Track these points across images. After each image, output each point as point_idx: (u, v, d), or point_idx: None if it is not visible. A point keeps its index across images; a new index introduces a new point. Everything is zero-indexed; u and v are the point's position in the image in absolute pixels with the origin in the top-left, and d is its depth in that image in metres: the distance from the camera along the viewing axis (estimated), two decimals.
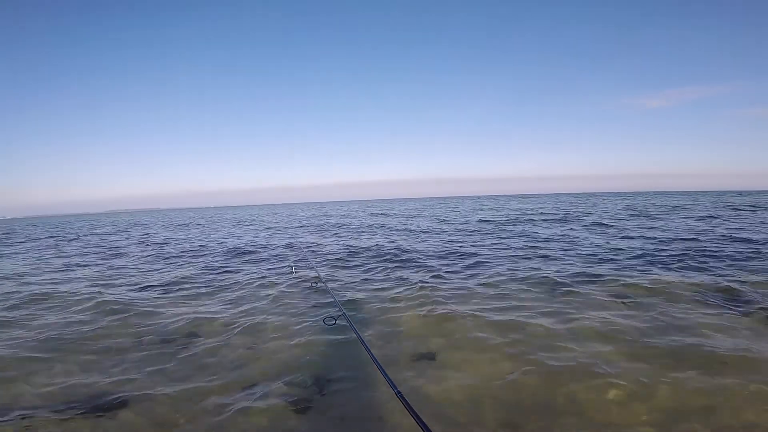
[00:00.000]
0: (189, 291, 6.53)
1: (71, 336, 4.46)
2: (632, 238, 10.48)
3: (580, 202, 40.44)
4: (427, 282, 6.17)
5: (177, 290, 6.62)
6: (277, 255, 10.21)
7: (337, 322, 2.88)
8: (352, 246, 11.09)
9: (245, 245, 12.78)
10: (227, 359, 3.71)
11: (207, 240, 15.65)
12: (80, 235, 22.80)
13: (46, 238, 21.39)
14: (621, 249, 8.64)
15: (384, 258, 8.67)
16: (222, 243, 14.05)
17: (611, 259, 7.51)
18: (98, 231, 25.95)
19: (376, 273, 7.26)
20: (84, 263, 10.42)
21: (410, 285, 6.02)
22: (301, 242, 12.90)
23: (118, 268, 9.26)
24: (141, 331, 4.60)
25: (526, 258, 7.99)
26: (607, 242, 9.85)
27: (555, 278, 6.05)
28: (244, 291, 6.32)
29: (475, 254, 8.64)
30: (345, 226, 19.15)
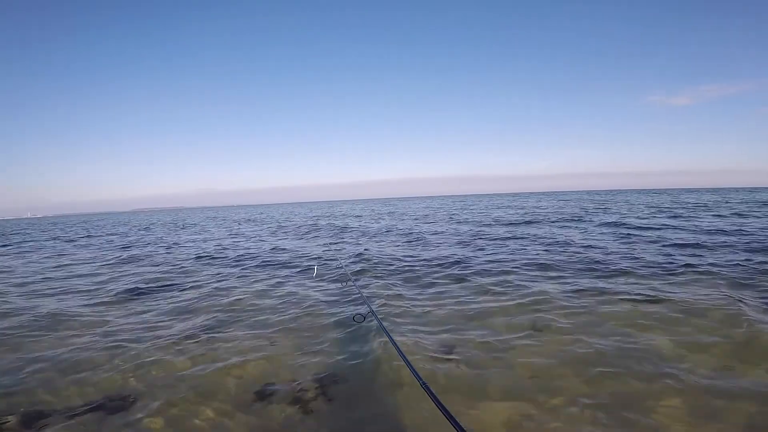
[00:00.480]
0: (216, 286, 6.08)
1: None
2: (645, 242, 9.57)
3: (603, 199, 39.12)
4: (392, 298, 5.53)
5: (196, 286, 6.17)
6: (278, 258, 9.71)
7: (366, 319, 2.98)
8: (358, 253, 10.47)
9: (244, 249, 12.34)
10: (246, 350, 3.85)
11: (217, 242, 15.33)
12: (92, 234, 22.99)
13: (50, 239, 21.55)
14: (626, 255, 7.80)
15: (362, 264, 8.06)
16: (221, 245, 13.66)
17: (611, 267, 6.71)
18: (109, 231, 26.18)
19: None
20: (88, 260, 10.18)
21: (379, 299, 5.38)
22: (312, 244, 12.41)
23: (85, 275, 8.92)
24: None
25: (525, 267, 7.21)
26: (616, 246, 8.98)
27: (540, 294, 5.31)
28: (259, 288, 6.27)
29: (472, 262, 7.92)
30: (352, 228, 18.62)
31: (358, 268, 7.65)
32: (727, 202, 25.18)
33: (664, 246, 8.73)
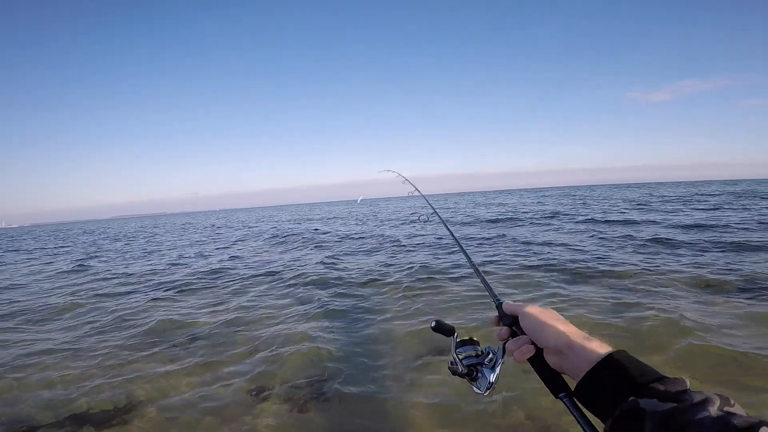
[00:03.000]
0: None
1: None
2: (616, 239, 9.28)
3: (584, 195, 39.40)
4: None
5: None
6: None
7: (429, 219, 2.77)
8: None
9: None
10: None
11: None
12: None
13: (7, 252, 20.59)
14: (596, 255, 7.45)
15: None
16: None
17: (579, 269, 6.32)
18: (78, 240, 25.15)
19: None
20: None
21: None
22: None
23: None
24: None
25: (493, 270, 6.79)
26: (587, 245, 8.66)
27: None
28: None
29: (439, 266, 7.46)
30: (324, 233, 18.07)
31: (315, 278, 7.12)
32: (702, 194, 25.39)
33: (634, 244, 8.44)
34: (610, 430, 0.54)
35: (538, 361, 0.70)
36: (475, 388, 0.81)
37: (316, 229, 18.83)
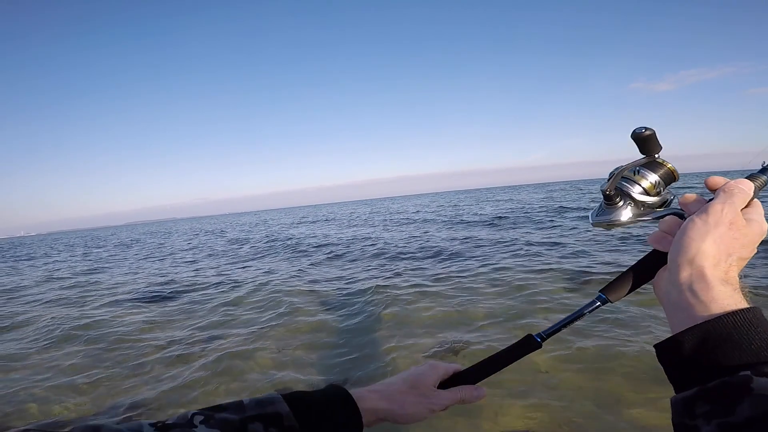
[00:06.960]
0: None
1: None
2: (619, 239, 8.77)
3: (590, 188, 38.76)
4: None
5: None
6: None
7: None
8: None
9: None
10: None
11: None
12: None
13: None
14: (593, 257, 6.96)
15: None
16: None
17: (577, 274, 5.82)
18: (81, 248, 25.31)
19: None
20: None
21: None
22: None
23: None
24: None
25: (488, 284, 6.37)
26: (590, 247, 8.20)
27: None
28: None
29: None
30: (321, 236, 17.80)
31: (302, 284, 6.74)
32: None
33: (636, 245, 7.92)
34: (692, 397, 0.41)
35: (650, 260, 0.58)
36: (594, 210, 0.66)
37: (315, 234, 18.61)
